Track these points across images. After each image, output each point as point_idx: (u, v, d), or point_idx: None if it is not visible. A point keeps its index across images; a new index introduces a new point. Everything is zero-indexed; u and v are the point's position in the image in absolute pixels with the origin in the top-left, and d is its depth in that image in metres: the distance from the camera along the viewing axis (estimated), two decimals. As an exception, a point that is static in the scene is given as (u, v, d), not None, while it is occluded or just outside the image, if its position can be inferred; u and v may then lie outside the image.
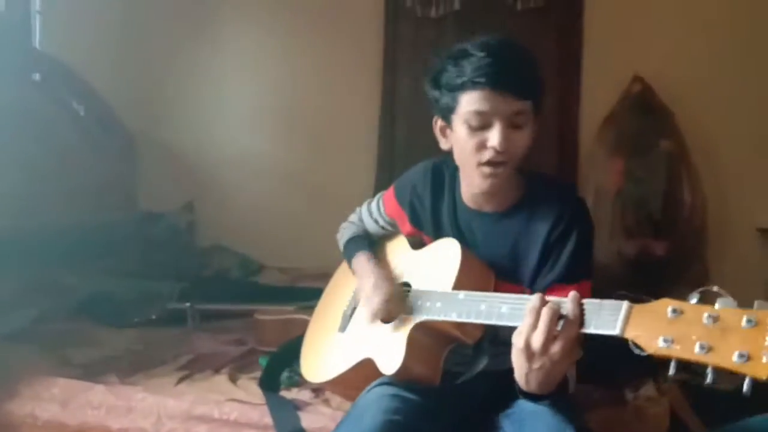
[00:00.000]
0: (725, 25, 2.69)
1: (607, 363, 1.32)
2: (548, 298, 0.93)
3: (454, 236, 1.23)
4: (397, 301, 1.18)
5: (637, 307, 0.82)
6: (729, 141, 2.70)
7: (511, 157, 1.13)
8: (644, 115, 2.59)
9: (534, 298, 0.92)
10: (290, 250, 2.92)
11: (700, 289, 0.80)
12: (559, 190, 1.23)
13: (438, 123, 1.21)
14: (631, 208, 2.55)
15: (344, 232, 1.47)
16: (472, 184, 1.20)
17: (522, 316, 0.93)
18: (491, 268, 1.19)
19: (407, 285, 1.23)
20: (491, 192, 1.18)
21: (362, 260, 1.34)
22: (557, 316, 0.89)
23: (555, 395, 0.97)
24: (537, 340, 0.89)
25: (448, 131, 1.20)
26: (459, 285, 1.11)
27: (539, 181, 1.23)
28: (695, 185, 2.58)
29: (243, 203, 3.12)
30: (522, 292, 1.17)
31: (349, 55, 3.00)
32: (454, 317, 1.04)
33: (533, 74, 1.14)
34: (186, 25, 3.14)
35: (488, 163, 1.13)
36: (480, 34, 1.16)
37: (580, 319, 0.88)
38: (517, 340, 0.91)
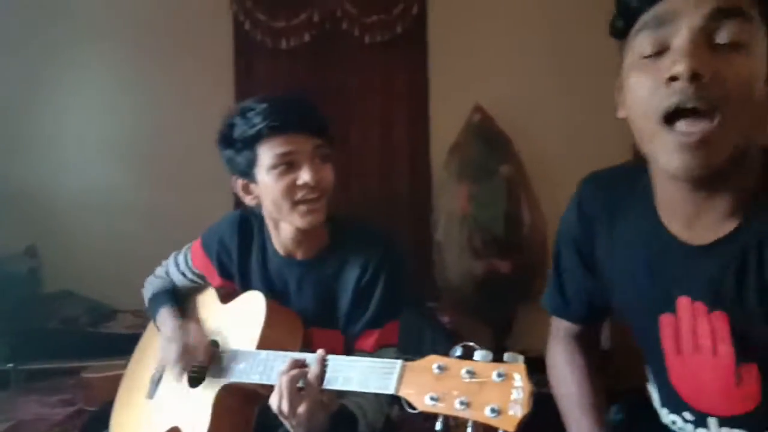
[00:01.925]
0: (555, 58, 2.93)
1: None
2: (297, 356, 0.98)
3: (264, 287, 1.23)
4: (204, 354, 1.17)
5: (410, 364, 0.86)
6: (562, 163, 2.92)
7: (323, 191, 1.16)
8: (485, 142, 2.75)
9: (284, 365, 0.97)
10: (145, 291, 2.79)
11: (462, 344, 0.85)
12: (367, 234, 1.25)
13: (239, 182, 1.21)
14: (476, 230, 2.69)
15: (149, 288, 1.41)
16: (289, 228, 1.20)
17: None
18: (304, 316, 1.20)
19: (215, 343, 1.21)
20: (310, 231, 1.19)
21: (165, 316, 1.29)
22: (298, 380, 0.95)
23: None
24: (284, 405, 0.94)
25: (251, 186, 1.20)
26: (265, 340, 1.11)
27: (346, 225, 1.26)
28: (534, 206, 2.77)
29: (93, 244, 2.95)
30: (336, 337, 1.20)
31: (202, 89, 2.94)
32: (255, 379, 1.05)
33: (319, 113, 1.19)
34: (27, 59, 2.94)
35: (303, 200, 1.15)
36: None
37: (321, 378, 0.94)
38: (272, 404, 0.96)
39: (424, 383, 0.83)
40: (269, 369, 1.03)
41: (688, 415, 0.92)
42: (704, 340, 0.84)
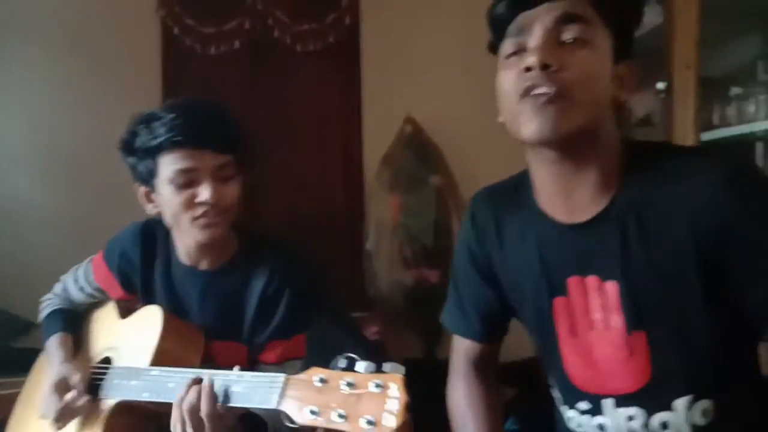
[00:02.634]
0: (486, 70, 2.98)
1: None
2: (191, 374, 0.96)
3: (166, 298, 1.21)
4: (75, 407, 1.13)
5: (292, 378, 0.86)
6: (490, 172, 2.97)
7: (224, 210, 1.14)
8: (416, 153, 2.78)
9: (180, 387, 0.95)
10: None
11: (344, 355, 0.85)
12: (275, 245, 1.25)
13: (141, 189, 1.19)
14: (406, 240, 2.71)
15: (45, 307, 1.36)
16: (190, 240, 1.18)
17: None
18: (207, 328, 1.18)
19: (108, 361, 1.18)
20: (212, 243, 1.17)
21: (54, 348, 1.25)
22: (197, 405, 0.92)
23: None
24: (177, 428, 0.92)
25: (153, 195, 1.18)
26: (160, 354, 1.08)
27: (255, 235, 1.25)
28: (462, 215, 2.81)
29: (10, 254, 2.81)
30: (239, 350, 1.18)
31: (127, 94, 2.84)
32: (146, 397, 1.02)
33: (230, 129, 1.16)
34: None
35: (203, 215, 1.12)
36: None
37: (213, 398, 0.92)
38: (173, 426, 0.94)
39: (305, 396, 0.83)
40: (161, 386, 1.01)
41: (583, 405, 0.95)
42: (596, 314, 0.90)
